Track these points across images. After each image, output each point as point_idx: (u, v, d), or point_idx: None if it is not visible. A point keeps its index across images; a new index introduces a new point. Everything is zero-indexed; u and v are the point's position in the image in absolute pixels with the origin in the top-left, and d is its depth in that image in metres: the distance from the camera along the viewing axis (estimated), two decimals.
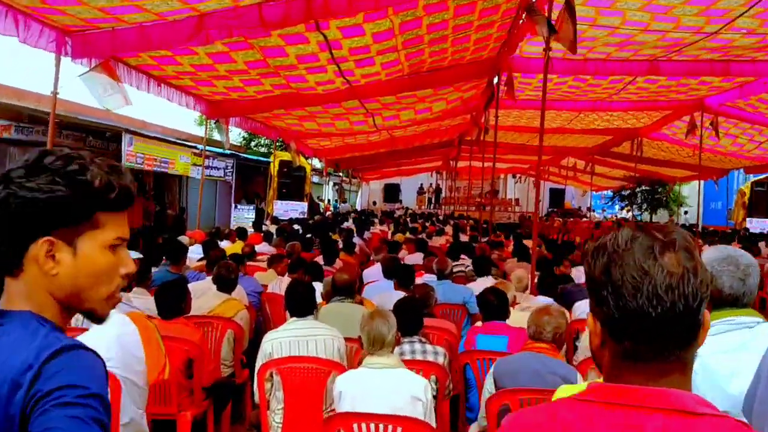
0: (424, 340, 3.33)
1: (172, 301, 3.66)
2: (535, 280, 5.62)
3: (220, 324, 4.37)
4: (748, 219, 16.96)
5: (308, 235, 10.11)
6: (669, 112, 12.09)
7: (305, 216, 16.79)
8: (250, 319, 4.78)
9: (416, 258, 7.92)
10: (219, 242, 9.10)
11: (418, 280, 5.27)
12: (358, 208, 30.73)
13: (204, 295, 4.73)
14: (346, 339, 3.61)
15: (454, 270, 5.93)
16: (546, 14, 5.45)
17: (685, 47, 7.57)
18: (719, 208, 23.18)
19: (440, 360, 3.27)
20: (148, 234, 14.48)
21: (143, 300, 4.29)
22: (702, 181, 17.14)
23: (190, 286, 5.30)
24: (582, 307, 4.72)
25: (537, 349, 2.88)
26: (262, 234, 9.81)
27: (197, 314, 4.36)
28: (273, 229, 11.28)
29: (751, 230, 15.98)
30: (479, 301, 3.74)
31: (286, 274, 5.88)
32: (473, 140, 14.00)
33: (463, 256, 7.77)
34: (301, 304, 3.45)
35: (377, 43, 7.02)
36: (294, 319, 3.48)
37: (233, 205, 18.33)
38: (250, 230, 10.76)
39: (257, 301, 5.45)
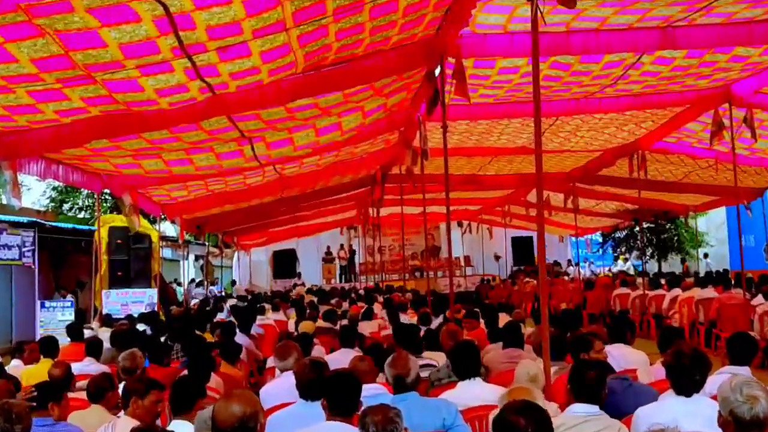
0: None
1: None
2: (552, 378, 4.93)
3: None
4: None
5: (161, 339, 9.31)
6: (684, 108, 12.01)
7: (155, 309, 15.69)
8: None
9: (342, 357, 7.36)
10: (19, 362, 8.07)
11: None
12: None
13: None
14: None
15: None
16: None
17: None
18: (752, 245, 23.64)
19: None
20: None
21: None
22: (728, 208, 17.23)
23: None
24: (649, 417, 4.02)
25: None
26: (84, 344, 8.78)
27: None
28: (104, 334, 10.38)
29: None
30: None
31: (122, 412, 4.90)
32: (408, 172, 13.45)
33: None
34: None
35: (253, 17, 6.25)
36: None
37: (39, 303, 17.02)
38: (65, 340, 9.73)
39: None
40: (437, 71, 9.09)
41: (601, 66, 9.48)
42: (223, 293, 25.90)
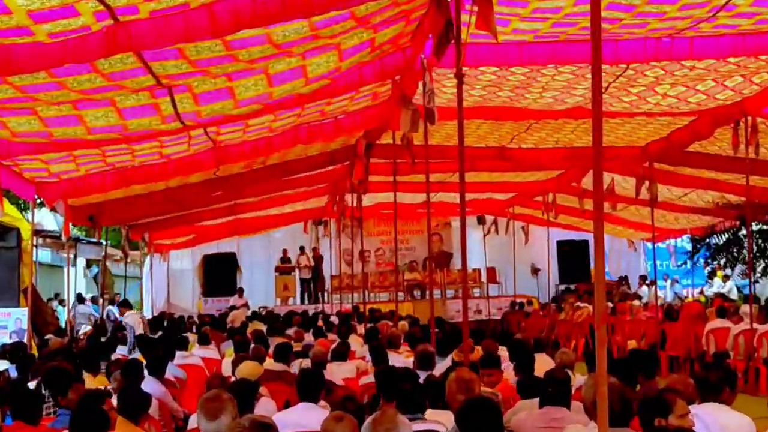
0: None
1: None
2: None
3: None
4: None
5: (31, 385, 9.36)
6: None
7: (23, 339, 15.83)
8: None
9: (301, 416, 7.55)
10: None
11: None
12: (149, 311, 29.59)
13: None
14: None
15: None
16: None
17: None
18: None
19: None
20: None
21: None
22: None
23: None
24: None
25: None
26: None
27: None
28: None
29: None
30: None
31: None
32: (405, 142, 13.44)
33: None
34: None
35: None
36: None
37: None
38: None
39: None
40: None
41: None
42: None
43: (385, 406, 5.46)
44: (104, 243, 25.54)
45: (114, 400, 8.37)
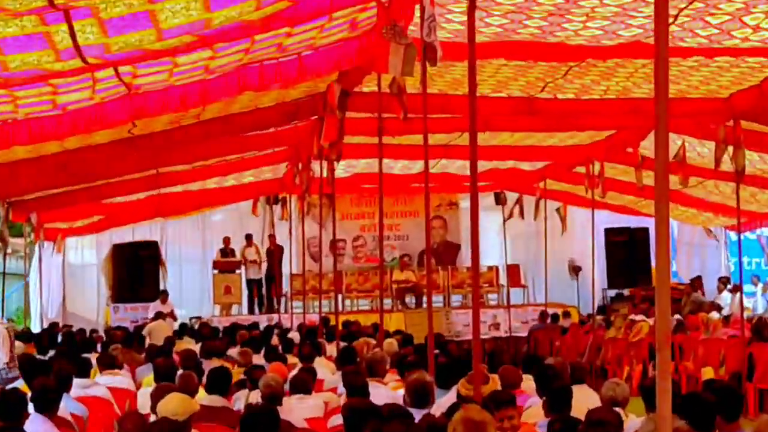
0: None
1: None
2: None
3: None
4: None
5: None
6: None
7: None
8: None
9: None
10: None
11: None
12: (37, 321, 29.64)
13: None
14: None
15: None
16: None
17: None
18: None
19: None
20: None
21: None
22: None
23: None
24: None
25: None
26: None
27: None
28: None
29: None
30: None
31: None
32: (395, 90, 13.43)
33: None
34: None
35: None
36: None
37: None
38: None
39: None
40: None
41: None
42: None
43: None
44: None
45: None
